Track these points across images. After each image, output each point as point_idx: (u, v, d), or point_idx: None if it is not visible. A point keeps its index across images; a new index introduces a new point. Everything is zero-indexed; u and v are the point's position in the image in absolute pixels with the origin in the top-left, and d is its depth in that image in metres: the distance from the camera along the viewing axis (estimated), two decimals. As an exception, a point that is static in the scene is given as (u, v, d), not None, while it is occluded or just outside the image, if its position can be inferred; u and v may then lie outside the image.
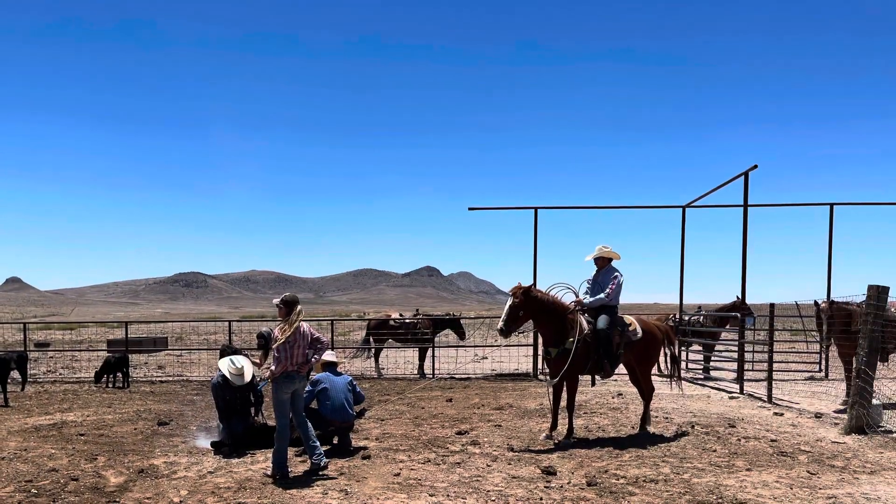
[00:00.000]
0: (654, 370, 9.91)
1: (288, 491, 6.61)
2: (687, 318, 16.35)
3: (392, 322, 17.07)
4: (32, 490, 6.71)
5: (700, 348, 16.34)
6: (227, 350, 9.59)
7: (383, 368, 16.91)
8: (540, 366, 15.24)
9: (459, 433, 9.20)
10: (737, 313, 14.04)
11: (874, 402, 9.02)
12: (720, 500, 6.15)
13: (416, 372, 16.53)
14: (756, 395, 12.35)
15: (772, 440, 8.57)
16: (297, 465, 7.58)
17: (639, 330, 9.20)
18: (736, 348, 14.25)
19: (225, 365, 8.77)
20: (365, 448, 8.35)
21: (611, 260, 9.28)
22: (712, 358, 16.03)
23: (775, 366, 12.35)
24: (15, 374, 13.76)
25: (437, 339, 17.23)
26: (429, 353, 16.79)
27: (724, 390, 13.22)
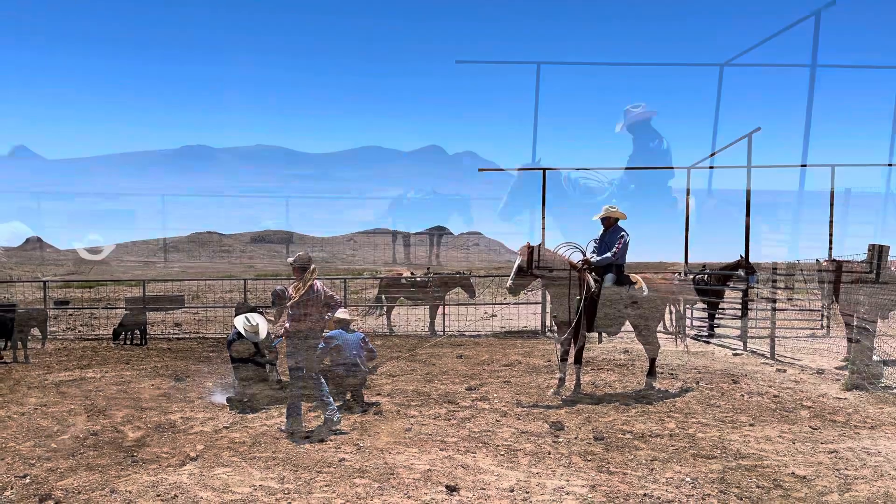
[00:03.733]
0: (660, 327, 10.03)
1: (302, 445, 6.77)
2: (692, 276, 16.42)
3: (403, 280, 17.26)
4: (52, 444, 6.86)
5: (704, 306, 16.43)
6: (243, 308, 9.71)
7: (395, 325, 17.12)
8: (548, 323, 15.41)
9: (469, 389, 9.36)
10: (741, 271, 14.13)
11: (875, 358, 9.13)
12: (724, 455, 6.30)
13: (427, 329, 16.75)
14: (759, 351, 12.47)
15: (774, 396, 8.72)
16: (311, 421, 7.73)
17: (644, 288, 9.31)
18: (740, 306, 14.36)
19: (240, 322, 8.91)
20: (377, 403, 8.52)
21: (617, 220, 9.35)
22: (716, 315, 16.14)
23: (778, 323, 12.49)
24: (35, 332, 14.06)
25: (447, 297, 17.38)
26: (439, 310, 16.96)
27: (727, 347, 13.34)
